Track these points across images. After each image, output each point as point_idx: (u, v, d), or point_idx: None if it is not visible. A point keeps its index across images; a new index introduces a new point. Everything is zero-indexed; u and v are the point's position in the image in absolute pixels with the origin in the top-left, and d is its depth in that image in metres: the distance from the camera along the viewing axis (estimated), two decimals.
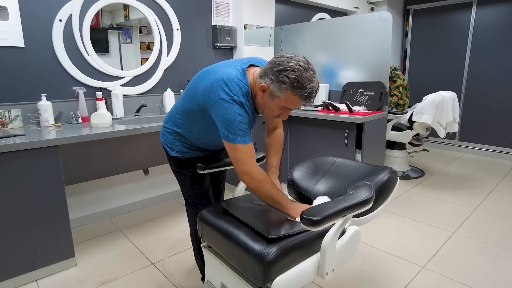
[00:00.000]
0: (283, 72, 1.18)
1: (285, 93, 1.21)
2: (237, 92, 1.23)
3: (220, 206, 1.43)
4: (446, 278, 1.89)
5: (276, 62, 1.22)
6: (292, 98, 1.22)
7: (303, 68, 1.18)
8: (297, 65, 1.18)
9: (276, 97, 1.23)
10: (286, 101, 1.23)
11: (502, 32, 4.27)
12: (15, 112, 2.17)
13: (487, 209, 2.81)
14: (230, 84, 1.23)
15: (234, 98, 1.22)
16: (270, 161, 1.63)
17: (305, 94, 1.20)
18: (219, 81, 1.24)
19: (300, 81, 1.18)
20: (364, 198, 1.11)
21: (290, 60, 1.20)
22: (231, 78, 1.24)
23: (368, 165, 1.61)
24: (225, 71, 1.27)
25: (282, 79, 1.18)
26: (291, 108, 1.28)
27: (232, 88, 1.23)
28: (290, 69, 1.18)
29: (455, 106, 3.30)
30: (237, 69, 1.29)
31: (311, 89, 1.20)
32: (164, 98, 2.87)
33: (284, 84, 1.19)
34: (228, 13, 3.27)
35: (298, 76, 1.17)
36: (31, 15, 2.18)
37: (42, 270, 1.92)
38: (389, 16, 2.74)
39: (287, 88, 1.19)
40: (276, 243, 1.12)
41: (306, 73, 1.18)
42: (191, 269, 2.00)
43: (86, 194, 2.59)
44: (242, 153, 1.25)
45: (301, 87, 1.19)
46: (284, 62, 1.19)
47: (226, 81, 1.23)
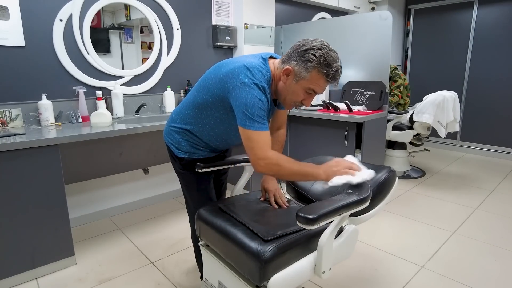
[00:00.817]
0: (309, 51, 1.18)
1: (311, 73, 1.20)
2: (259, 77, 1.21)
3: (217, 205, 1.44)
4: (445, 278, 1.89)
5: (300, 44, 1.22)
6: (318, 77, 1.20)
7: (328, 47, 1.20)
8: (321, 44, 1.19)
9: (301, 79, 1.22)
10: (311, 82, 1.22)
11: (504, 31, 4.25)
12: (16, 111, 2.18)
13: (487, 209, 2.81)
14: (252, 70, 1.21)
15: (256, 82, 1.20)
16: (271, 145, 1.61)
17: (331, 73, 1.19)
18: (241, 67, 1.21)
19: (327, 59, 1.18)
20: (360, 197, 1.11)
21: (314, 41, 1.21)
22: (253, 64, 1.23)
23: (366, 164, 1.61)
24: (246, 59, 1.26)
25: (309, 58, 1.18)
26: (317, 90, 1.25)
27: (255, 73, 1.21)
28: (315, 47, 1.18)
29: (456, 106, 3.29)
30: (258, 59, 1.28)
31: (336, 68, 1.20)
32: (164, 97, 2.87)
33: (310, 62, 1.18)
34: (229, 12, 3.27)
35: (324, 53, 1.17)
36: (32, 15, 2.19)
37: (42, 268, 1.93)
38: (389, 16, 2.73)
39: (313, 67, 1.19)
40: (273, 242, 1.12)
41: (331, 52, 1.19)
42: (190, 268, 2.01)
43: (86, 193, 2.60)
44: (255, 142, 1.19)
45: (327, 65, 1.18)
46: (308, 43, 1.20)
47: (248, 67, 1.21)
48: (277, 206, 1.45)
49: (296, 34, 3.51)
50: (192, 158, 1.50)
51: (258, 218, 1.31)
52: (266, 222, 1.26)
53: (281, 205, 1.45)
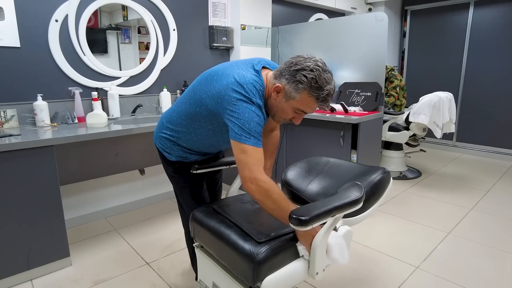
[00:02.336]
0: (300, 72, 1.14)
1: (301, 94, 1.16)
2: (254, 94, 1.17)
3: (212, 206, 1.44)
4: (440, 278, 1.90)
5: (293, 62, 1.18)
6: (308, 99, 1.17)
7: (322, 69, 1.14)
8: (315, 64, 1.14)
9: (291, 98, 1.18)
10: (301, 103, 1.18)
11: (499, 33, 4.28)
12: (11, 112, 2.17)
13: (483, 209, 2.82)
14: (246, 86, 1.17)
15: (252, 99, 1.16)
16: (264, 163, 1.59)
17: (322, 96, 1.15)
18: (233, 84, 1.17)
19: (318, 81, 1.13)
20: (353, 198, 1.12)
21: (308, 60, 1.16)
22: (246, 79, 1.18)
23: (361, 166, 1.62)
24: (237, 72, 1.20)
25: (300, 79, 1.14)
26: (306, 111, 1.22)
27: (248, 89, 1.17)
28: (308, 68, 1.14)
29: (452, 107, 3.31)
30: (250, 70, 1.23)
31: (328, 91, 1.15)
32: (160, 98, 2.87)
33: (301, 84, 1.14)
34: (225, 13, 3.27)
35: (316, 76, 1.13)
36: (27, 15, 2.19)
37: (37, 270, 1.92)
38: (384, 17, 2.74)
39: (304, 89, 1.14)
40: (266, 243, 1.12)
41: (324, 74, 1.14)
42: (186, 269, 2.01)
43: (82, 194, 2.59)
44: (251, 157, 1.15)
45: (318, 88, 1.14)
46: (301, 62, 1.16)
47: (241, 83, 1.17)
48: None
49: (293, 35, 3.52)
50: (185, 161, 1.50)
51: (252, 219, 1.31)
52: (260, 224, 1.27)
53: None
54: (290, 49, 3.57)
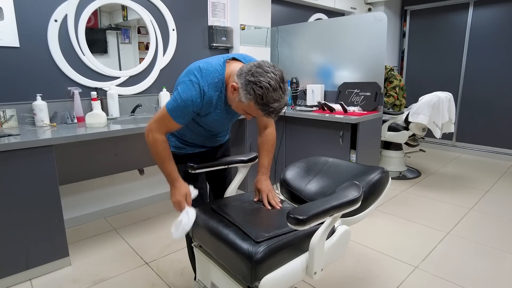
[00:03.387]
0: (252, 84, 1.18)
1: (249, 103, 1.22)
2: (206, 79, 1.28)
3: (210, 206, 1.44)
4: (439, 278, 1.90)
5: (251, 70, 1.21)
6: (254, 109, 1.23)
7: (272, 88, 1.17)
8: (267, 82, 1.17)
9: (241, 101, 1.24)
10: (248, 108, 1.25)
11: (499, 32, 4.28)
12: (10, 112, 2.17)
13: (482, 209, 2.82)
14: (205, 72, 1.28)
15: (200, 82, 1.27)
16: (261, 161, 1.60)
17: (266, 111, 1.21)
18: (195, 68, 1.30)
19: (264, 99, 1.18)
20: (351, 198, 1.12)
21: (264, 74, 1.18)
22: (208, 67, 1.29)
23: (360, 165, 1.62)
24: (206, 60, 1.33)
25: (249, 90, 1.19)
26: (254, 115, 1.30)
27: (204, 74, 1.28)
28: (259, 84, 1.17)
29: (451, 107, 3.31)
30: (218, 60, 1.33)
31: (273, 109, 1.20)
32: (159, 98, 2.87)
33: (249, 95, 1.20)
34: (225, 13, 3.27)
35: (263, 93, 1.17)
36: (26, 15, 2.19)
37: (36, 270, 1.92)
38: (384, 17, 2.75)
39: (251, 100, 1.20)
40: (264, 243, 1.12)
41: (273, 93, 1.18)
42: (185, 268, 2.01)
43: (81, 194, 2.60)
44: (160, 115, 1.32)
45: (264, 104, 1.19)
46: (258, 74, 1.19)
47: (202, 69, 1.29)
48: (270, 207, 1.45)
49: (292, 35, 3.52)
50: (181, 153, 1.55)
51: (251, 219, 1.31)
52: (258, 223, 1.27)
53: (274, 205, 1.45)
54: (290, 49, 3.58)
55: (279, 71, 1.22)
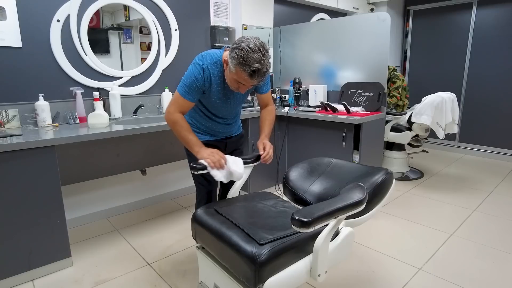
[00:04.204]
0: (235, 50, 1.38)
1: (235, 68, 1.40)
2: (206, 60, 1.52)
3: (213, 207, 1.43)
4: (442, 280, 1.88)
5: (236, 40, 1.42)
6: (240, 73, 1.40)
7: (251, 49, 1.35)
8: (246, 45, 1.35)
9: (231, 71, 1.43)
10: (237, 75, 1.42)
11: (503, 33, 4.25)
12: (13, 112, 2.17)
13: (486, 210, 2.80)
14: (205, 55, 1.54)
15: (200, 62, 1.52)
16: (263, 129, 1.79)
17: (249, 71, 1.37)
18: (200, 55, 1.56)
19: (245, 60, 1.35)
20: (356, 200, 1.11)
21: (244, 41, 1.38)
22: (209, 51, 1.55)
23: (363, 166, 1.61)
24: (211, 50, 1.57)
25: (233, 55, 1.38)
26: (243, 83, 1.45)
27: (204, 57, 1.53)
28: (240, 47, 1.36)
29: (454, 107, 3.29)
30: (218, 50, 1.57)
31: (255, 68, 1.36)
32: (162, 98, 2.87)
33: (233, 60, 1.38)
34: (227, 13, 3.27)
35: (244, 55, 1.35)
36: (29, 15, 2.19)
37: (38, 270, 1.92)
38: (387, 17, 2.73)
39: (236, 64, 1.38)
40: (268, 245, 1.11)
41: (253, 54, 1.35)
42: (187, 269, 2.00)
43: (83, 194, 2.59)
44: (175, 100, 1.57)
45: (245, 65, 1.36)
46: (239, 41, 1.39)
47: (203, 54, 1.55)
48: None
49: (295, 35, 3.51)
50: None
51: (254, 220, 1.30)
52: (261, 225, 1.26)
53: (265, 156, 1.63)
54: (292, 49, 3.56)
55: (259, 40, 1.40)
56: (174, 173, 3.13)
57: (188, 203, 3.02)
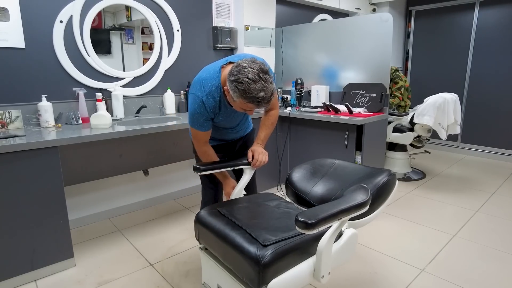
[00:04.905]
0: (234, 83, 1.31)
1: (239, 100, 1.34)
2: (205, 89, 1.48)
3: (217, 208, 1.43)
4: (445, 281, 1.88)
5: (232, 71, 1.34)
6: (244, 103, 1.35)
7: (251, 80, 1.28)
8: (245, 76, 1.28)
9: (235, 101, 1.38)
10: (242, 105, 1.38)
11: (505, 33, 4.24)
12: (16, 112, 2.18)
13: (488, 211, 2.80)
14: (204, 82, 1.49)
15: (199, 94, 1.49)
16: (259, 134, 1.77)
17: (255, 102, 1.32)
18: (197, 81, 1.52)
19: (248, 93, 1.29)
20: (360, 201, 1.11)
21: (242, 71, 1.30)
22: (207, 76, 1.49)
23: (366, 167, 1.61)
24: (207, 68, 1.54)
25: (234, 89, 1.32)
26: (249, 110, 1.42)
27: (203, 85, 1.49)
28: (239, 80, 1.29)
29: (457, 108, 3.28)
30: (215, 67, 1.51)
31: (260, 98, 1.31)
32: (164, 99, 2.87)
33: (235, 93, 1.32)
34: (229, 14, 3.27)
35: (245, 88, 1.29)
36: (32, 16, 2.19)
37: (41, 271, 1.93)
38: (389, 18, 2.73)
39: (239, 97, 1.33)
40: (272, 246, 1.11)
41: (254, 85, 1.28)
42: (190, 270, 2.00)
43: (86, 195, 2.60)
44: (192, 134, 1.64)
45: (249, 97, 1.31)
46: (236, 73, 1.31)
47: (202, 80, 1.50)
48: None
49: (297, 36, 3.51)
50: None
51: (257, 221, 1.30)
52: (265, 226, 1.26)
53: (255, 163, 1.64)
54: (294, 50, 3.56)
55: (257, 64, 1.32)
56: (176, 174, 3.13)
57: (191, 204, 3.02)
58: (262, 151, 1.66)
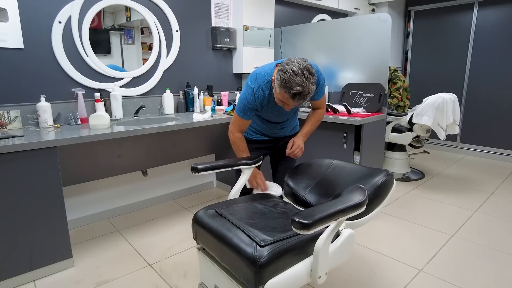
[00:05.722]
0: (279, 72, 1.44)
1: (279, 89, 1.46)
2: (258, 81, 1.63)
3: (214, 208, 1.43)
4: (443, 281, 1.88)
5: (283, 63, 1.47)
6: (283, 94, 1.46)
7: (294, 73, 1.40)
8: (290, 69, 1.40)
9: (276, 91, 1.51)
10: (281, 96, 1.49)
11: (504, 33, 4.25)
12: (14, 113, 2.18)
13: (487, 211, 2.80)
14: (258, 76, 1.64)
15: (252, 85, 1.64)
16: (303, 127, 1.93)
17: (291, 94, 1.42)
18: (253, 74, 1.67)
19: (287, 83, 1.41)
20: (356, 202, 1.11)
21: (290, 63, 1.43)
22: (261, 72, 1.65)
23: (364, 168, 1.61)
24: (263, 67, 1.68)
25: (278, 77, 1.45)
26: (285, 102, 1.51)
27: (257, 78, 1.64)
28: (284, 70, 1.42)
29: (456, 108, 3.29)
30: (271, 65, 1.65)
31: (296, 91, 1.41)
32: (163, 99, 2.87)
33: (278, 81, 1.45)
34: (228, 14, 3.27)
35: (286, 78, 1.40)
36: (31, 16, 2.19)
37: (40, 271, 1.93)
38: (388, 18, 2.73)
39: (279, 85, 1.45)
40: (269, 246, 1.12)
41: (295, 77, 1.39)
42: (188, 270, 2.01)
43: (85, 195, 2.60)
44: (233, 118, 1.76)
45: (287, 87, 1.42)
46: (284, 64, 1.44)
47: (256, 74, 1.65)
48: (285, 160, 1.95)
49: (296, 36, 3.51)
50: (252, 137, 1.96)
51: (255, 222, 1.30)
52: (262, 227, 1.26)
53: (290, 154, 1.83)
54: (293, 50, 3.57)
55: (305, 63, 1.43)
56: (175, 174, 3.14)
57: (189, 204, 3.02)
58: (301, 147, 1.85)
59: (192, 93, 3.01)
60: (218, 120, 2.65)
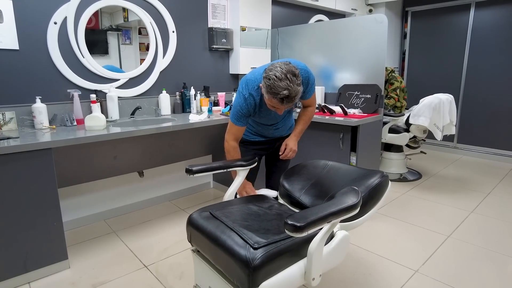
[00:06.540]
0: (264, 79, 1.47)
1: (267, 95, 1.48)
2: (248, 87, 1.65)
3: (209, 210, 1.43)
4: (439, 282, 1.89)
5: (266, 69, 1.48)
6: (271, 99, 1.48)
7: (278, 78, 1.41)
8: (274, 74, 1.42)
9: (264, 97, 1.53)
10: (269, 101, 1.51)
11: (500, 34, 4.26)
12: (10, 114, 2.17)
13: (483, 212, 2.80)
14: (249, 82, 1.65)
15: (243, 92, 1.66)
16: (296, 126, 1.96)
17: (278, 98, 1.44)
18: (245, 80, 1.68)
19: (273, 89, 1.43)
20: (350, 204, 1.11)
21: (272, 69, 1.44)
22: (252, 77, 1.66)
23: (359, 169, 1.61)
24: (254, 71, 1.70)
25: (263, 84, 1.48)
26: (276, 106, 1.53)
27: (248, 84, 1.65)
28: (268, 77, 1.44)
29: (452, 109, 3.29)
30: (259, 72, 1.64)
31: (283, 95, 1.42)
32: (159, 100, 2.87)
33: (264, 88, 1.48)
34: (225, 15, 3.27)
35: (271, 84, 1.42)
36: (26, 17, 2.19)
37: (35, 273, 1.92)
38: (384, 19, 2.73)
39: (266, 92, 1.47)
40: (262, 248, 1.12)
41: (280, 82, 1.41)
42: (184, 272, 2.00)
43: (81, 196, 2.59)
44: (228, 126, 1.78)
45: (274, 93, 1.44)
46: (268, 71, 1.46)
47: (248, 80, 1.66)
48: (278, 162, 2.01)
49: (293, 37, 3.52)
50: (249, 139, 1.99)
51: (249, 224, 1.30)
52: (256, 228, 1.26)
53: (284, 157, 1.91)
54: (290, 51, 3.57)
55: (288, 65, 1.44)
56: (171, 175, 3.13)
57: (186, 205, 3.02)
58: (294, 150, 1.91)
59: (188, 94, 3.00)
60: (214, 121, 2.64)
